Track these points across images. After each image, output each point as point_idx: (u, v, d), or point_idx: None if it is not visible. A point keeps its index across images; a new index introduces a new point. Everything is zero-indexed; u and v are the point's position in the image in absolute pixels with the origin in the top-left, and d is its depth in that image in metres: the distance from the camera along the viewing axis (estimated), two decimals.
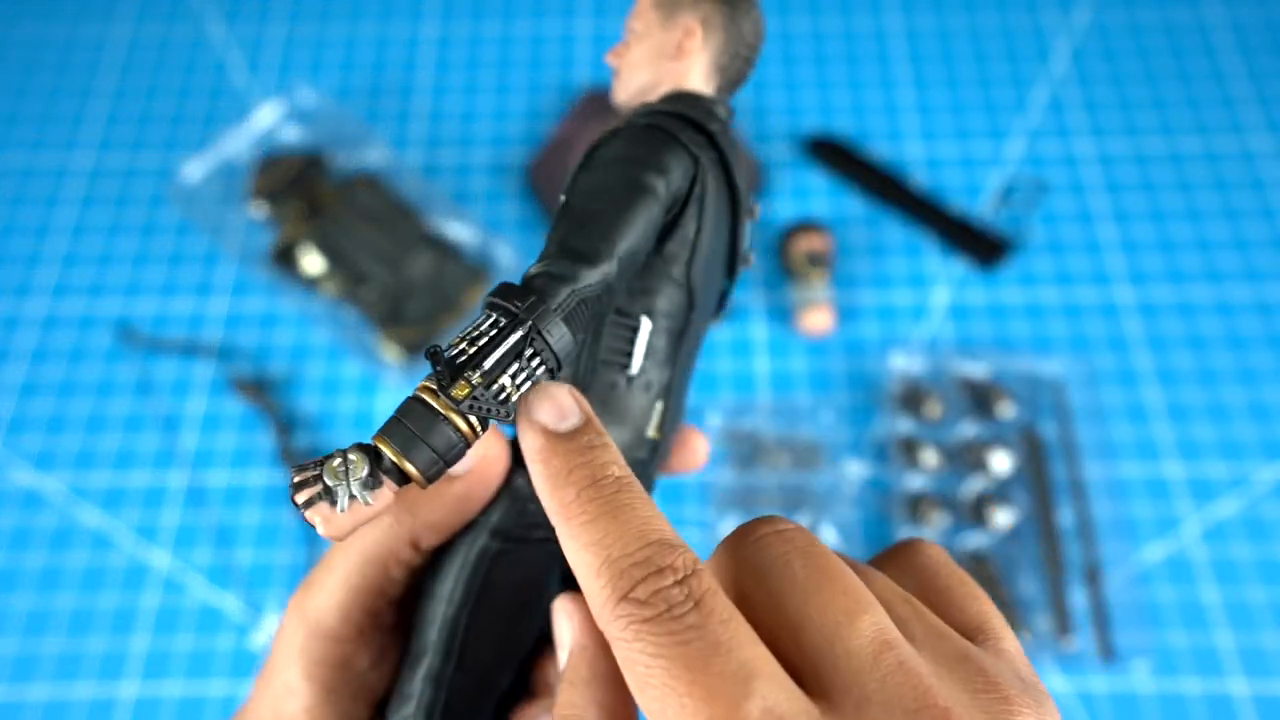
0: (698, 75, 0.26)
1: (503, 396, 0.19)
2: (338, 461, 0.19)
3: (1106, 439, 0.67)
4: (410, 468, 0.19)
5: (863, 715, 0.15)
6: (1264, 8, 0.88)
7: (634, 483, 0.19)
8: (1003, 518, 0.63)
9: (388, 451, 0.19)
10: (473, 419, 0.19)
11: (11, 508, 0.67)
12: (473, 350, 0.19)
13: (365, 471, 0.19)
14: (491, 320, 0.20)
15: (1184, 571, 0.63)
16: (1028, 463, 0.66)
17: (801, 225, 0.73)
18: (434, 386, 0.19)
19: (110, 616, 0.63)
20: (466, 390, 0.19)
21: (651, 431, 0.25)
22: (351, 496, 0.19)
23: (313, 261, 0.73)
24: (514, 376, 0.19)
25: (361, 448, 0.19)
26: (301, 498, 0.19)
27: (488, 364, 0.19)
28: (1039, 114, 0.83)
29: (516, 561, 0.25)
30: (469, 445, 0.20)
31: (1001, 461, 0.65)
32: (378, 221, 0.75)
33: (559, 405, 0.20)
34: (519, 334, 0.19)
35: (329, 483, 0.19)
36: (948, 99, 0.84)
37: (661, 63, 0.26)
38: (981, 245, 0.75)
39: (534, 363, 0.20)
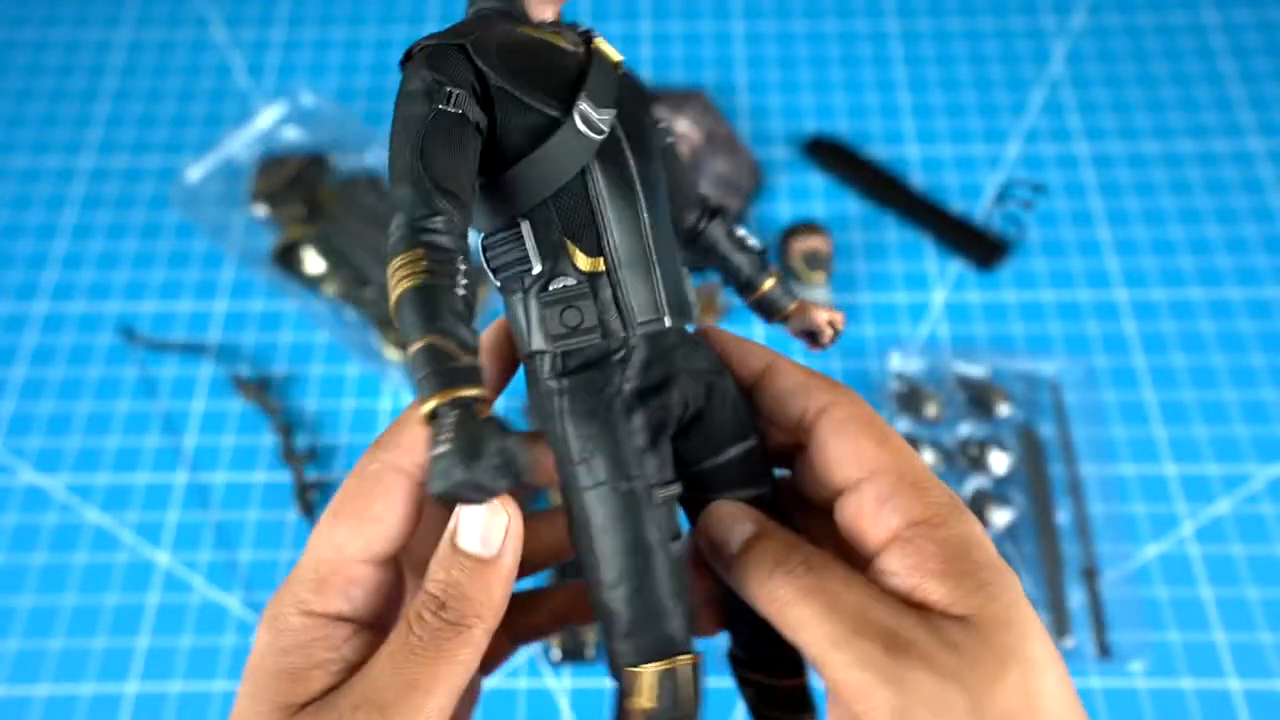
0: None
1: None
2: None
3: (1103, 439, 0.68)
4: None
5: None
6: (1259, 10, 0.89)
7: None
8: (1000, 517, 0.63)
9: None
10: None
11: (14, 507, 0.67)
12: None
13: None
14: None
15: (1180, 570, 0.63)
16: (1025, 462, 0.66)
17: (800, 226, 0.73)
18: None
19: (112, 615, 0.63)
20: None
21: (662, 300, 0.25)
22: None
23: (314, 262, 0.73)
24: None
25: None
26: None
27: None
28: (1036, 116, 0.84)
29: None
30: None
31: (999, 461, 0.66)
32: (378, 222, 0.75)
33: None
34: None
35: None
36: (946, 101, 0.85)
37: None
38: (979, 246, 0.75)
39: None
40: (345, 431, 0.70)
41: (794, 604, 0.22)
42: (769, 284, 0.30)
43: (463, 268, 0.21)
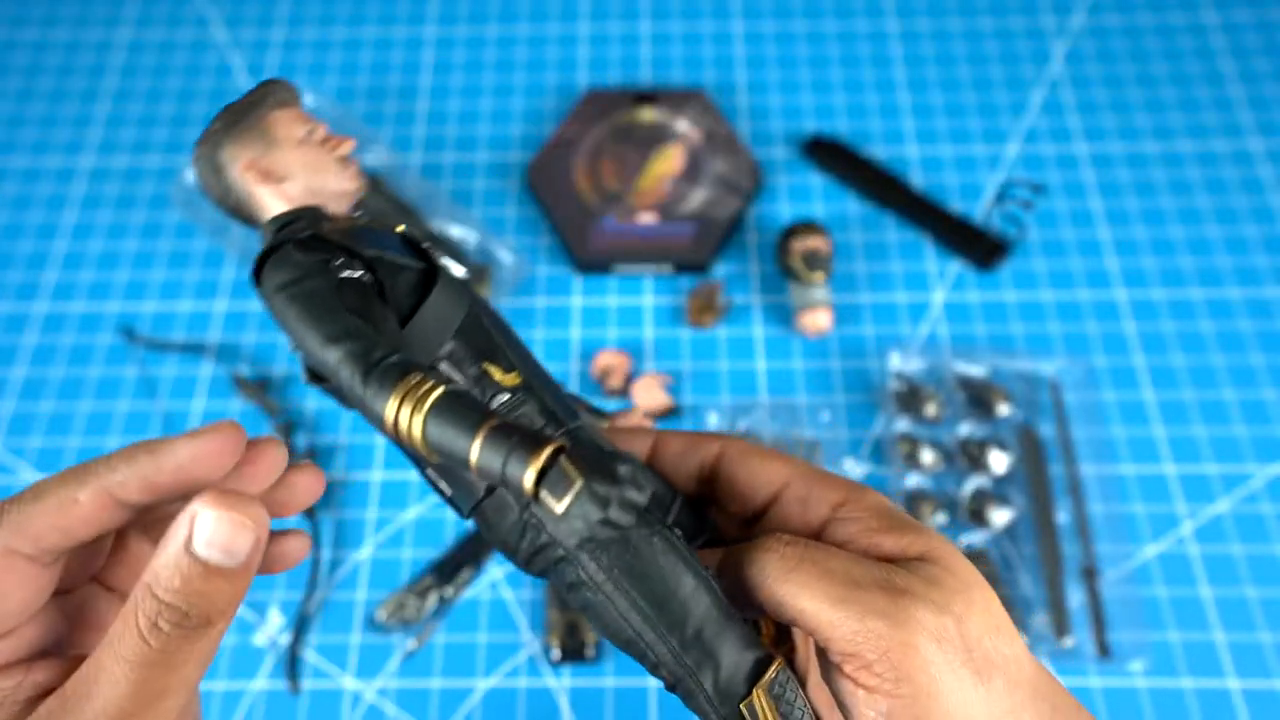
0: None
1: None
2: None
3: (1103, 438, 0.68)
4: None
5: None
6: (1259, 10, 0.89)
7: None
8: (1000, 517, 0.63)
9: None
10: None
11: None
12: None
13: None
14: None
15: (1180, 570, 0.63)
16: (1025, 462, 0.66)
17: (800, 226, 0.73)
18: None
19: None
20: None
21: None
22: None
23: None
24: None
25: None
26: None
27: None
28: (1036, 116, 0.84)
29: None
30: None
31: (999, 461, 0.66)
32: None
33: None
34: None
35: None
36: (945, 101, 0.85)
37: None
38: (979, 246, 0.75)
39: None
40: (345, 432, 0.70)
41: (789, 578, 0.24)
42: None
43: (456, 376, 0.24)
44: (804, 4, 0.92)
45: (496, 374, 0.25)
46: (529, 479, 0.19)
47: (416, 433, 0.20)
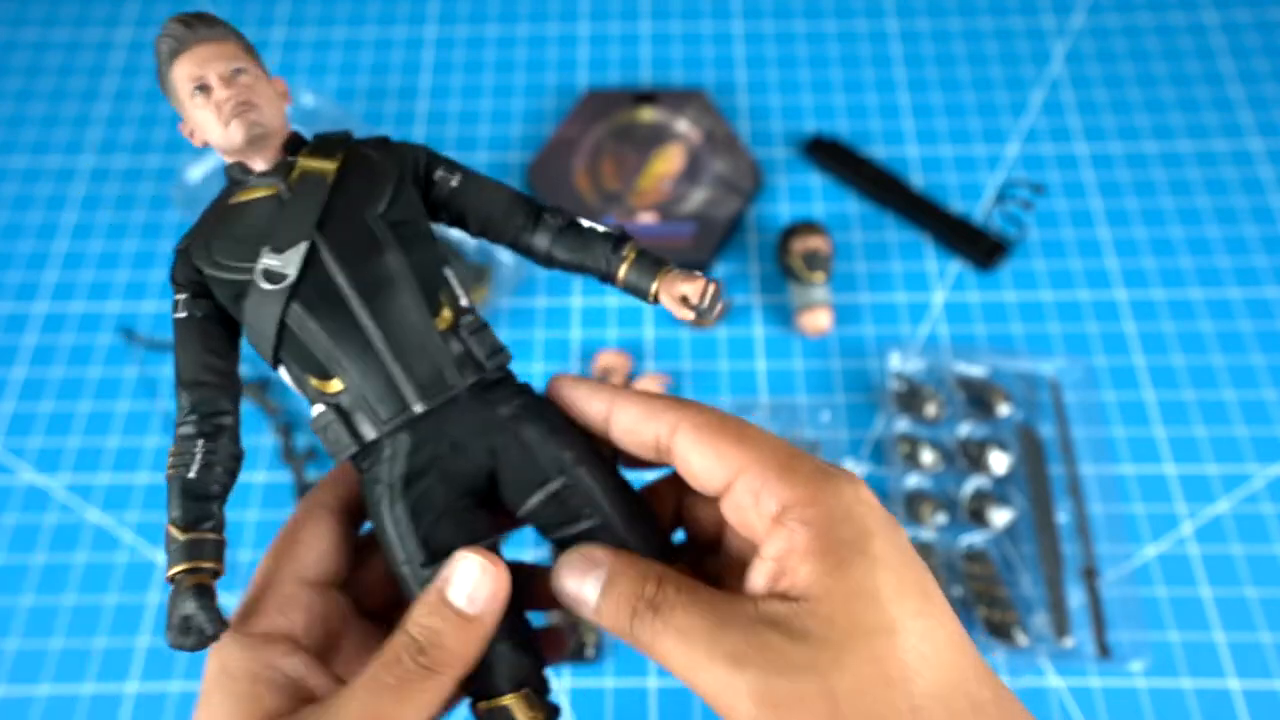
0: None
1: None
2: None
3: (1103, 438, 0.68)
4: None
5: None
6: (1259, 10, 0.89)
7: None
8: (1000, 517, 0.63)
9: None
10: None
11: (14, 507, 0.67)
12: None
13: None
14: None
15: (1180, 570, 0.63)
16: (1025, 462, 0.66)
17: (800, 226, 0.73)
18: None
19: (112, 615, 0.63)
20: None
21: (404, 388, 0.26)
22: None
23: None
24: None
25: None
26: None
27: None
28: (1036, 116, 0.84)
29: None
30: None
31: (999, 461, 0.66)
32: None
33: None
34: None
35: None
36: (946, 101, 0.85)
37: (281, 105, 0.28)
38: (979, 246, 0.75)
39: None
40: None
41: (654, 645, 0.23)
42: (623, 270, 0.28)
43: (198, 446, 0.26)
44: (804, 4, 0.92)
45: (316, 384, 0.26)
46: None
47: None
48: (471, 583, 0.24)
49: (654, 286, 0.27)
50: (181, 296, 0.27)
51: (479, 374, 0.26)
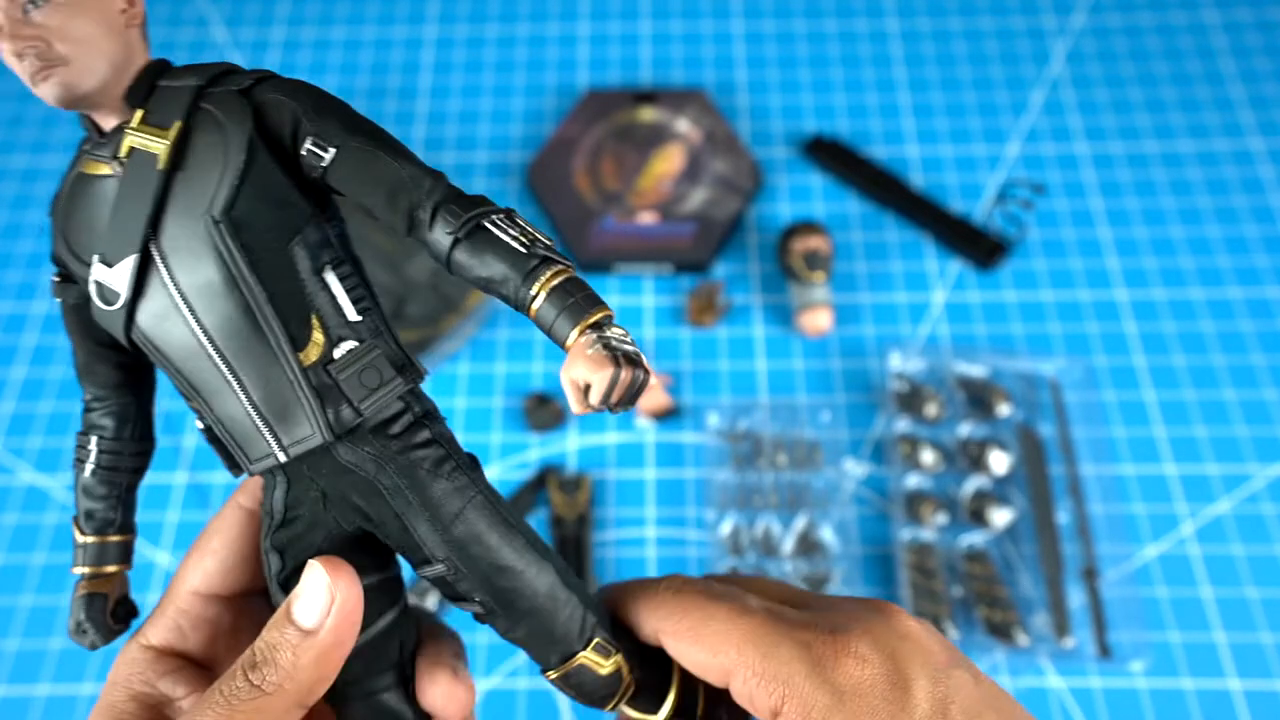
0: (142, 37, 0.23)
1: None
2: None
3: (1104, 438, 0.68)
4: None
5: None
6: (1259, 10, 0.89)
7: None
8: (1000, 517, 0.63)
9: None
10: None
11: (14, 507, 0.67)
12: None
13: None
14: None
15: (1180, 570, 0.63)
16: (1026, 462, 0.66)
17: (800, 226, 0.73)
18: None
19: None
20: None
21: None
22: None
23: None
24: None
25: None
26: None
27: None
28: (1036, 116, 0.84)
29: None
30: None
31: (999, 461, 0.66)
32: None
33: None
34: None
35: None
36: (946, 101, 0.85)
37: (123, 33, 0.22)
38: (979, 246, 0.75)
39: None
40: None
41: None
42: (535, 306, 0.20)
43: (92, 440, 0.25)
44: (804, 4, 0.92)
45: (194, 404, 0.23)
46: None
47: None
48: (313, 594, 0.22)
49: (571, 339, 0.19)
50: (55, 279, 0.23)
51: (355, 418, 0.22)
